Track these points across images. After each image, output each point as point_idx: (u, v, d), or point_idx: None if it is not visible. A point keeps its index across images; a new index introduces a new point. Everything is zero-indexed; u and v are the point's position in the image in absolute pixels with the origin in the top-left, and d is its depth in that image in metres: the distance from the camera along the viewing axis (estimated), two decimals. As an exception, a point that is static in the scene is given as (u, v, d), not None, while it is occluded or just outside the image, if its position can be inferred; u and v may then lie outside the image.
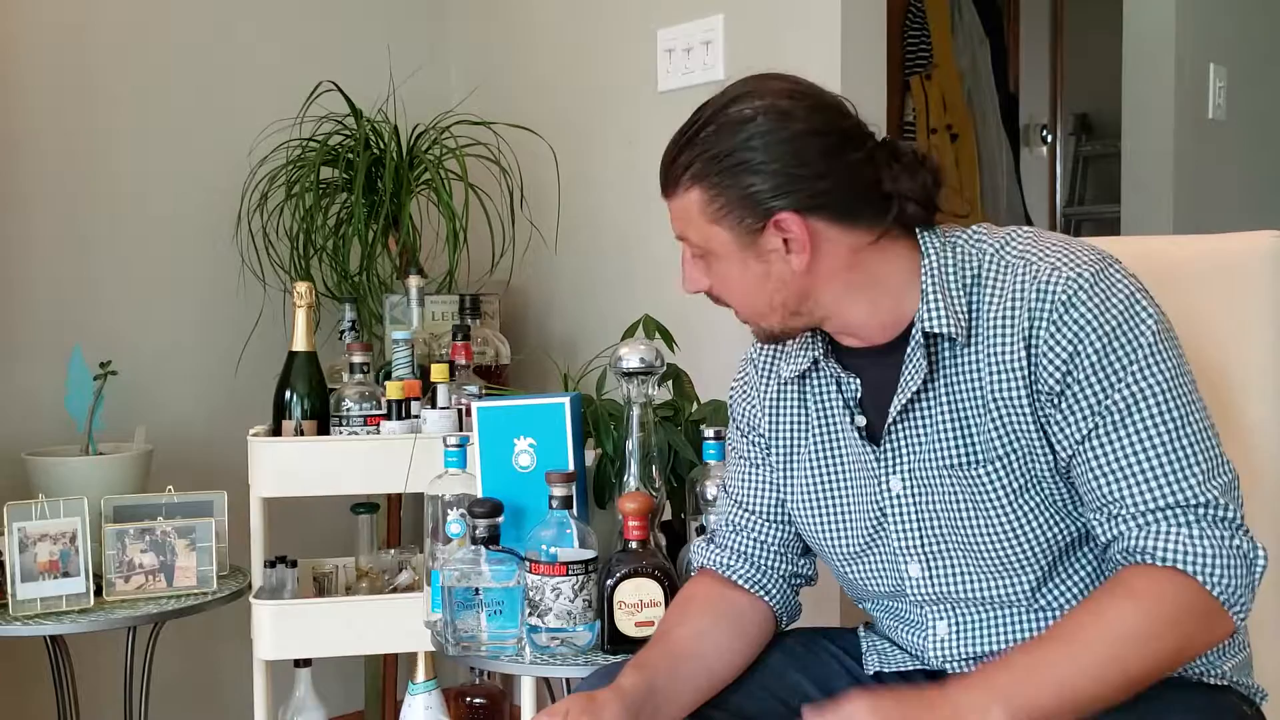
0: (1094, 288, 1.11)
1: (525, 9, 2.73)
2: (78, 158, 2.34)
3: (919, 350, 1.17)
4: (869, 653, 1.34)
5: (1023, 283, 1.14)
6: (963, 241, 1.20)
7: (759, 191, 1.14)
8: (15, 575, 1.77)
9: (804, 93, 1.17)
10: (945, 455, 1.19)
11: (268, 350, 2.36)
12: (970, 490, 1.17)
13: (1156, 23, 2.72)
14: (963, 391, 1.18)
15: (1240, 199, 2.95)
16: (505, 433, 1.61)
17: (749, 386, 1.37)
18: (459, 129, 2.40)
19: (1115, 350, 1.10)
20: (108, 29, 2.37)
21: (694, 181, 1.17)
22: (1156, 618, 1.06)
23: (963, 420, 1.17)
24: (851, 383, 1.25)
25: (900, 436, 1.21)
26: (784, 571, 1.36)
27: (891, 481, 1.23)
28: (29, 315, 2.28)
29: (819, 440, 1.30)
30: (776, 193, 1.14)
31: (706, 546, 1.39)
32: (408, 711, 1.96)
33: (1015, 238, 1.19)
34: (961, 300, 1.17)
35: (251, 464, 1.88)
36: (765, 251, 1.17)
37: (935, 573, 1.23)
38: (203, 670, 2.49)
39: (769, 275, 1.18)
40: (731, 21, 2.26)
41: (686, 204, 1.18)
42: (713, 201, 1.16)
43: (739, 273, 1.19)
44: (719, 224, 1.17)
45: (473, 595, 1.50)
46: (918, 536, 1.23)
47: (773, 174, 1.13)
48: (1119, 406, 1.10)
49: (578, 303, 2.61)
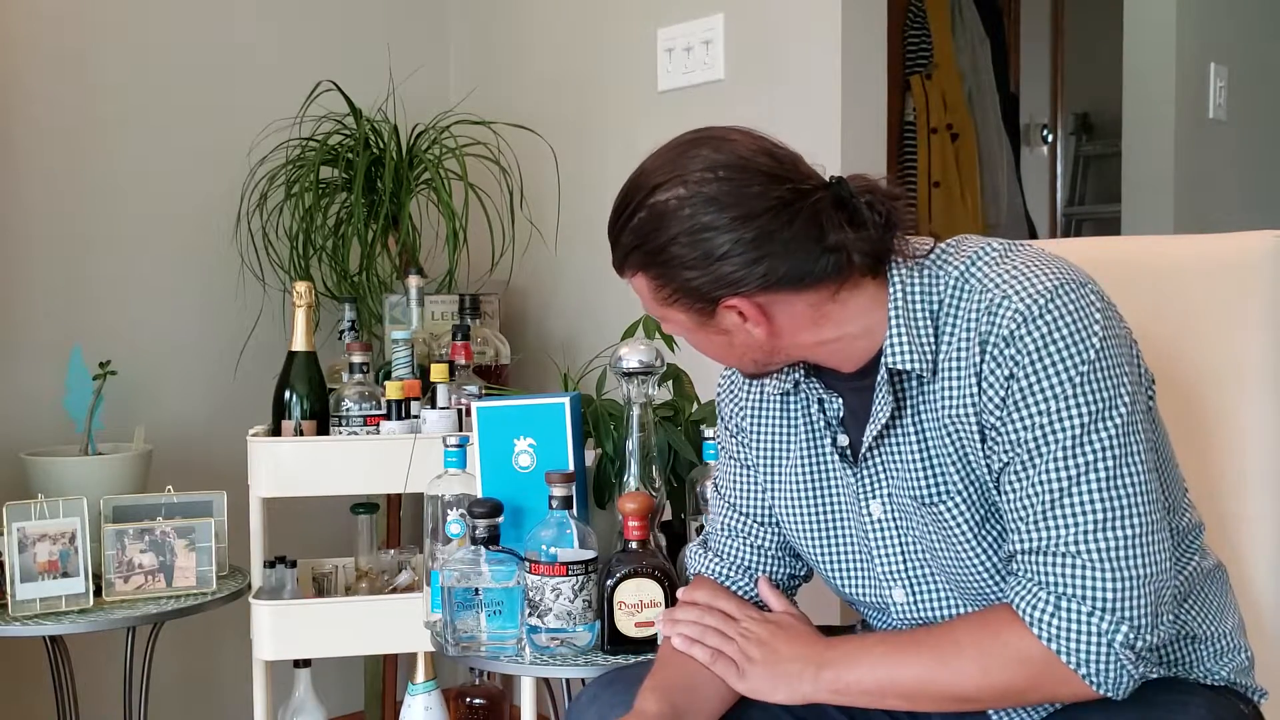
0: (1039, 319, 1.07)
1: (525, 9, 2.73)
2: (78, 157, 2.34)
3: (884, 385, 1.16)
4: None
5: (977, 313, 1.11)
6: (930, 264, 1.16)
7: (700, 285, 1.11)
8: (15, 575, 1.77)
9: (731, 166, 1.10)
10: (913, 488, 1.17)
11: (267, 350, 2.37)
12: (936, 523, 1.16)
13: (1156, 23, 2.72)
14: (927, 424, 1.16)
15: (1240, 199, 2.95)
16: (505, 433, 1.61)
17: (735, 386, 1.36)
18: (459, 129, 2.40)
19: (1042, 385, 1.07)
20: (107, 28, 2.37)
21: (638, 269, 1.16)
22: (992, 660, 1.09)
23: (929, 454, 1.16)
24: (834, 403, 1.24)
25: (876, 463, 1.20)
26: (780, 575, 1.36)
27: (872, 506, 1.22)
28: (29, 315, 2.28)
29: (804, 455, 1.28)
30: (717, 285, 1.11)
31: (703, 554, 1.38)
32: (407, 712, 1.97)
33: (980, 257, 1.14)
34: (928, 331, 1.14)
35: (251, 464, 1.88)
36: (723, 327, 1.16)
37: (919, 598, 1.22)
38: (202, 670, 2.49)
39: (733, 343, 1.18)
40: (731, 21, 2.26)
41: (639, 286, 1.17)
42: (661, 289, 1.14)
43: (705, 342, 1.20)
44: (672, 307, 1.16)
45: (472, 595, 1.50)
46: (901, 562, 1.22)
47: (708, 270, 1.10)
48: (1032, 441, 1.07)
49: (578, 303, 2.61)
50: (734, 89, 2.25)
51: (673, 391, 1.86)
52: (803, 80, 2.15)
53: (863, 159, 2.14)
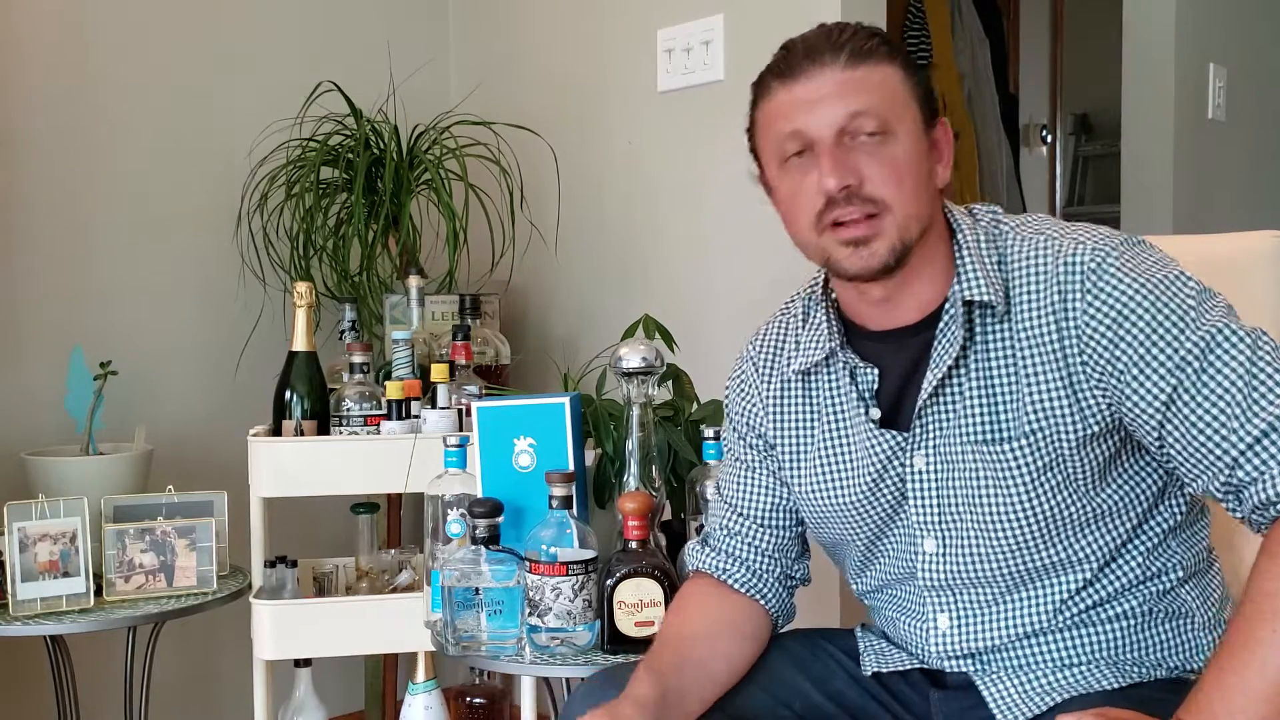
0: (1122, 255, 1.12)
1: (525, 9, 2.73)
2: (78, 157, 2.34)
3: (955, 322, 1.17)
4: (866, 653, 1.34)
5: (1046, 257, 1.14)
6: (983, 219, 1.22)
7: (929, 93, 1.18)
8: (15, 575, 1.77)
9: None
10: (972, 431, 1.18)
11: (268, 350, 2.37)
12: (994, 466, 1.17)
13: (1156, 23, 2.72)
14: (996, 364, 1.17)
15: (1240, 199, 2.95)
16: (505, 433, 1.61)
17: (747, 385, 1.37)
18: (459, 129, 2.40)
19: (1165, 306, 1.09)
20: (107, 28, 2.37)
21: (892, 57, 1.16)
22: None
23: (994, 394, 1.17)
24: (869, 373, 1.24)
25: (929, 415, 1.21)
26: (778, 574, 1.36)
27: (915, 459, 1.22)
28: (29, 315, 2.28)
29: (826, 432, 1.29)
30: (932, 98, 1.19)
31: (702, 550, 1.39)
32: (408, 711, 1.97)
33: (1030, 218, 1.21)
34: (996, 270, 1.17)
35: (251, 464, 1.88)
36: (934, 139, 1.19)
37: (949, 549, 1.22)
38: (203, 670, 2.49)
39: (929, 167, 1.19)
40: (731, 21, 2.26)
41: (885, 75, 1.15)
42: (908, 79, 1.17)
43: (914, 155, 1.16)
44: (914, 101, 1.17)
45: (473, 595, 1.51)
46: (936, 512, 1.22)
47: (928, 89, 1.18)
48: (1194, 355, 1.07)
49: (578, 303, 2.61)
50: (734, 89, 2.25)
51: (673, 391, 1.87)
52: (802, 80, 2.15)
53: (862, 159, 2.14)
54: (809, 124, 1.15)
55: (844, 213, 1.15)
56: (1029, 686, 1.20)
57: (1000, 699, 1.21)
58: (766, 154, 1.22)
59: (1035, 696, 1.20)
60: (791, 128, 1.16)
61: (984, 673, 1.23)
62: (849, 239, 1.15)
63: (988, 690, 1.22)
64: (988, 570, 1.21)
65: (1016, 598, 1.21)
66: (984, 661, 1.24)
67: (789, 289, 1.37)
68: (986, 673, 1.23)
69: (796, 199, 1.18)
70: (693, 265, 2.35)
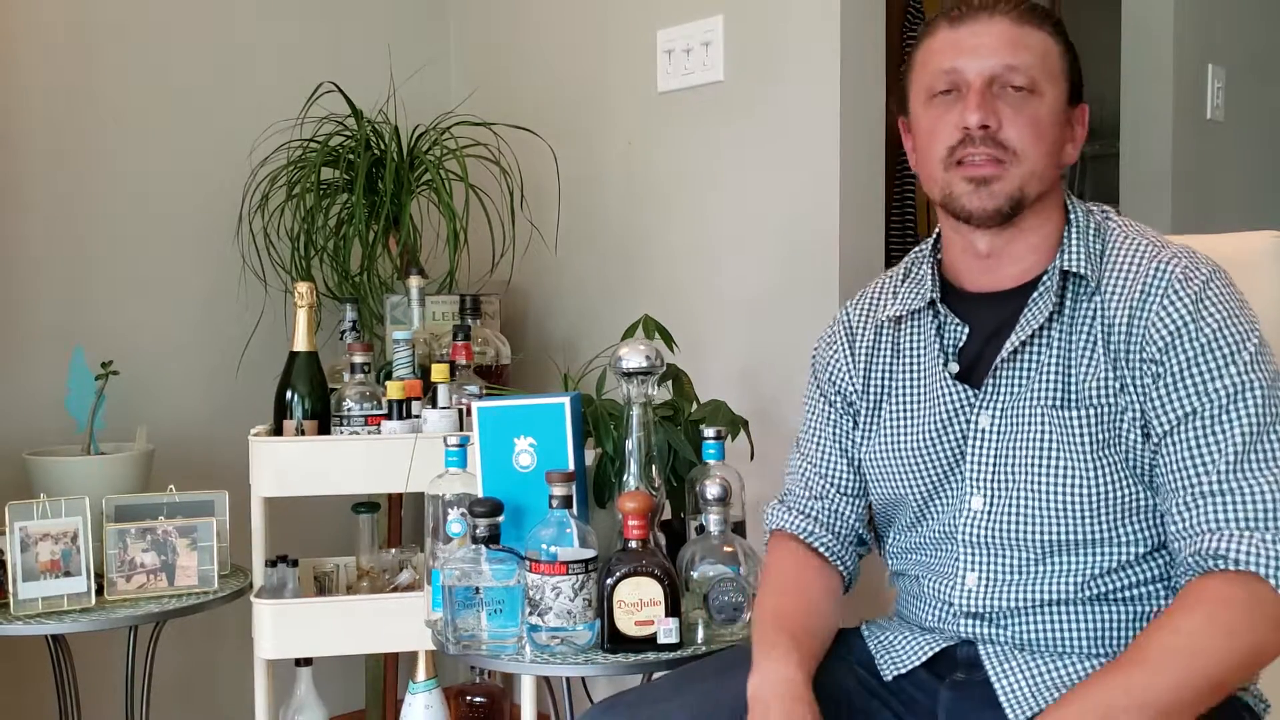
0: (1208, 283, 1.18)
1: (525, 10, 2.73)
2: (77, 158, 2.34)
3: (1050, 290, 1.23)
4: (879, 655, 1.33)
5: (1143, 258, 1.21)
6: (1096, 214, 1.29)
7: (1079, 75, 1.27)
8: (17, 574, 1.78)
9: None
10: (1044, 394, 1.22)
11: (269, 350, 2.37)
12: (1060, 429, 1.21)
13: (1155, 23, 2.72)
14: (1079, 333, 1.22)
15: (1240, 199, 2.95)
16: (505, 432, 1.62)
17: (835, 342, 1.42)
18: (459, 129, 2.41)
19: (1223, 343, 1.15)
20: (107, 29, 2.37)
21: (1056, 33, 1.25)
22: (1226, 624, 1.07)
23: (1072, 361, 1.22)
24: (959, 329, 1.30)
25: (1003, 375, 1.25)
26: (853, 540, 1.41)
27: (980, 418, 1.26)
28: (30, 315, 2.28)
29: (905, 383, 1.35)
30: (1081, 86, 1.28)
31: (785, 511, 1.42)
32: (408, 710, 1.97)
33: (1139, 224, 1.28)
34: (1098, 258, 1.24)
35: (252, 464, 1.88)
36: (1071, 120, 1.27)
37: (995, 508, 1.25)
38: (204, 669, 2.49)
39: (1059, 141, 1.25)
40: (731, 22, 2.26)
41: (1045, 42, 1.24)
42: (1065, 56, 1.25)
43: (1052, 120, 1.24)
44: (1064, 76, 1.25)
45: (473, 594, 1.51)
46: (991, 471, 1.25)
47: None
48: (1224, 395, 1.14)
49: (578, 303, 2.62)
50: (734, 90, 2.25)
51: (673, 391, 1.87)
52: (802, 81, 2.15)
53: (862, 160, 2.14)
54: (965, 65, 1.23)
55: (975, 152, 1.22)
56: (1038, 680, 1.20)
57: (1010, 691, 1.21)
58: (916, 89, 1.30)
59: (1044, 691, 1.19)
60: (948, 65, 1.24)
61: (995, 644, 1.24)
62: (973, 175, 1.23)
63: (998, 681, 1.22)
64: (1028, 533, 1.23)
65: (1049, 565, 1.23)
66: (999, 627, 1.24)
67: (789, 289, 1.38)
68: (998, 644, 1.24)
69: (934, 134, 1.25)
70: (693, 265, 2.36)
